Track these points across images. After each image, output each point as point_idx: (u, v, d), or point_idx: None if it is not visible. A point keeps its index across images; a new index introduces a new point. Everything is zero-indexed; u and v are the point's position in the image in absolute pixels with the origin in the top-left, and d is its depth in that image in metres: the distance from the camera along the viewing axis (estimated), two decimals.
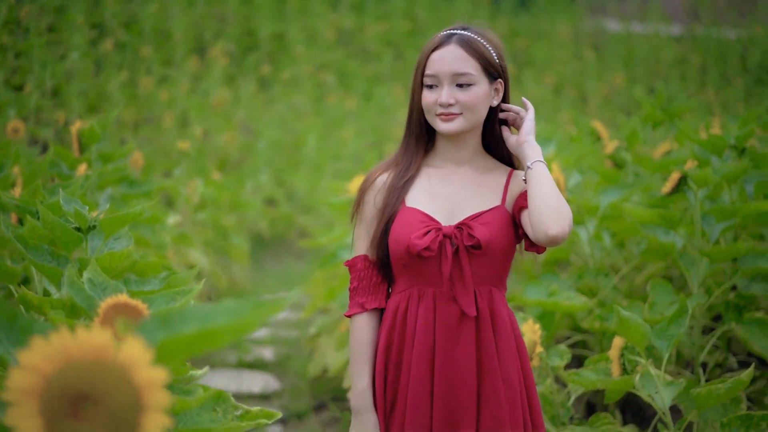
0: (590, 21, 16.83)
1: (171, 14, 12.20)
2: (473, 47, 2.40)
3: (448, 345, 2.39)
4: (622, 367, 2.96)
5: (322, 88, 13.11)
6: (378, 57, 14.26)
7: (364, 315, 2.49)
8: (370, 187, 2.52)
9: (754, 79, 14.24)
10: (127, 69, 10.54)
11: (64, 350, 1.20)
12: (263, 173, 10.10)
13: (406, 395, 2.42)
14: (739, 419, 2.95)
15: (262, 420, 1.98)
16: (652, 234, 3.72)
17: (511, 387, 2.40)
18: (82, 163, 4.13)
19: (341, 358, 4.59)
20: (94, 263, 2.00)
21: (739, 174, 3.76)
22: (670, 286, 3.69)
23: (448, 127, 2.41)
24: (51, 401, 1.19)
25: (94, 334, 1.21)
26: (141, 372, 1.20)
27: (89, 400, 1.19)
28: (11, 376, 1.19)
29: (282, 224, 9.90)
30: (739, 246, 3.60)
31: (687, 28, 16.21)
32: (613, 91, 13.96)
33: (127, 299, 1.82)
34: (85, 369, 1.20)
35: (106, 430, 1.19)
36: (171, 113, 10.17)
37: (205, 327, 1.29)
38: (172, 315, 1.33)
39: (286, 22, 13.87)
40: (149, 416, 1.20)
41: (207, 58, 12.34)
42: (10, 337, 1.36)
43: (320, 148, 11.05)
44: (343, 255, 4.71)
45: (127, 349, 1.20)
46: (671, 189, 3.62)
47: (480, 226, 2.37)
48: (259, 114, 11.59)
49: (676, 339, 2.93)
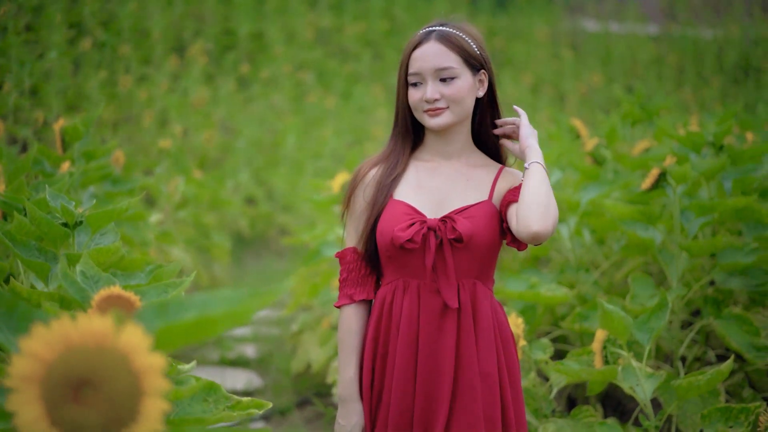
0: (568, 21, 16.91)
1: (149, 13, 12.17)
2: (452, 41, 2.43)
3: (431, 336, 2.43)
4: (605, 359, 3.00)
5: (301, 87, 13.12)
6: (357, 56, 14.28)
7: (353, 306, 2.54)
8: (360, 182, 2.56)
9: (730, 78, 14.36)
10: (105, 68, 10.52)
11: (64, 337, 1.22)
12: (243, 172, 10.11)
13: (392, 385, 2.46)
14: (718, 411, 2.99)
15: (252, 410, 2.01)
16: (631, 230, 3.77)
17: (490, 381, 2.43)
18: (65, 161, 4.14)
19: (325, 354, 4.62)
20: (86, 257, 2.03)
21: (717, 170, 3.81)
22: (650, 280, 3.74)
23: (436, 121, 2.44)
24: (52, 387, 1.21)
25: (94, 322, 1.23)
26: (140, 358, 1.23)
27: (90, 385, 1.21)
28: (13, 363, 1.21)
29: (262, 223, 9.92)
30: (718, 241, 3.65)
31: (664, 27, 16.31)
32: (591, 90, 14.04)
33: (120, 291, 1.84)
34: (85, 355, 1.22)
35: (107, 414, 1.22)
36: (150, 112, 10.16)
37: (202, 315, 1.32)
38: (170, 304, 1.35)
39: (265, 22, 13.87)
40: (148, 401, 1.23)
41: (186, 57, 12.32)
42: (10, 326, 1.38)
43: (300, 147, 11.07)
44: (327, 252, 4.73)
45: (126, 336, 1.23)
46: (651, 185, 3.67)
47: (464, 219, 2.40)
48: (238, 113, 11.60)
49: (657, 332, 2.98)
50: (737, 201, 3.66)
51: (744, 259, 3.69)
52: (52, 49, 8.94)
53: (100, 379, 1.21)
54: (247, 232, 9.42)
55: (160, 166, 6.83)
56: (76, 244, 2.66)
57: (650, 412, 2.99)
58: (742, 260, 3.69)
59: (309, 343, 4.90)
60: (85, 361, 1.22)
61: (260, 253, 9.34)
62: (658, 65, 14.87)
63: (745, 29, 15.38)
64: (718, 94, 13.67)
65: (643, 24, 16.29)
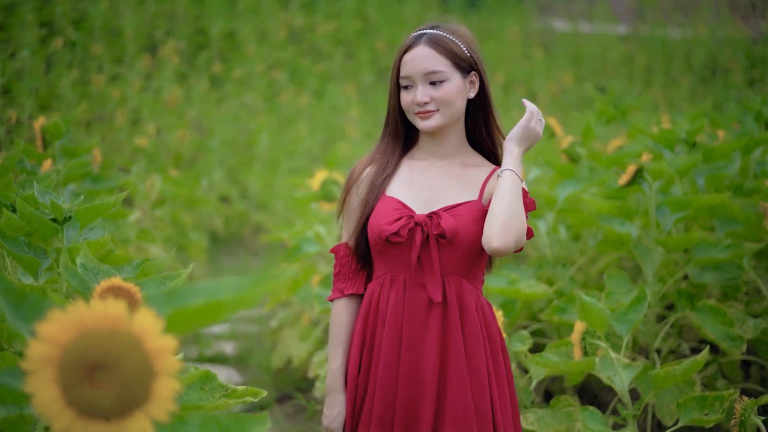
0: (538, 21, 17.01)
1: (121, 12, 12.15)
2: (442, 45, 2.48)
3: (415, 330, 2.47)
4: (584, 350, 3.07)
5: (274, 86, 13.14)
6: (329, 56, 14.31)
7: (343, 300, 2.61)
8: (355, 182, 2.62)
9: (698, 78, 14.50)
10: (77, 67, 10.51)
11: (79, 321, 1.27)
12: (217, 171, 10.11)
13: (377, 377, 2.50)
14: (694, 400, 3.07)
15: (248, 398, 2.06)
16: (608, 225, 3.84)
17: (479, 374, 2.46)
18: (47, 159, 4.17)
19: (306, 349, 4.66)
20: (86, 249, 2.07)
21: (690, 167, 3.90)
22: (625, 275, 3.82)
23: (427, 124, 2.50)
24: (68, 369, 1.26)
25: (108, 306, 1.28)
26: (152, 340, 1.28)
27: (104, 367, 1.26)
28: (30, 347, 1.26)
29: (236, 221, 9.94)
30: (693, 236, 3.74)
31: (633, 28, 16.43)
32: (562, 89, 14.14)
33: (121, 282, 1.89)
34: (99, 338, 1.27)
35: (120, 395, 1.27)
36: (123, 111, 10.15)
37: (210, 300, 1.37)
38: (178, 290, 1.40)
39: (237, 21, 13.88)
40: (160, 382, 1.28)
41: (158, 56, 12.31)
42: (19, 315, 1.42)
43: (273, 145, 11.09)
44: (308, 248, 4.78)
45: (139, 320, 1.28)
46: (628, 181, 3.75)
47: (450, 217, 2.45)
48: (211, 112, 11.60)
49: (635, 324, 3.05)
50: (712, 198, 3.75)
51: (718, 255, 3.78)
52: (23, 48, 8.93)
53: (114, 361, 1.26)
54: (221, 230, 9.44)
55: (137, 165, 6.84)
56: (65, 239, 2.70)
57: (628, 401, 3.07)
58: (716, 255, 3.78)
59: (289, 338, 4.94)
60: (99, 344, 1.27)
61: (235, 252, 9.36)
62: (628, 65, 14.99)
63: (713, 30, 15.54)
64: (686, 93, 13.81)
65: (612, 24, 16.41)
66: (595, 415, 3.13)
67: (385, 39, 14.85)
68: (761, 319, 3.80)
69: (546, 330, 4.33)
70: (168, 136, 10.34)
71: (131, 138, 9.58)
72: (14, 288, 1.43)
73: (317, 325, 4.83)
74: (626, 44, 15.75)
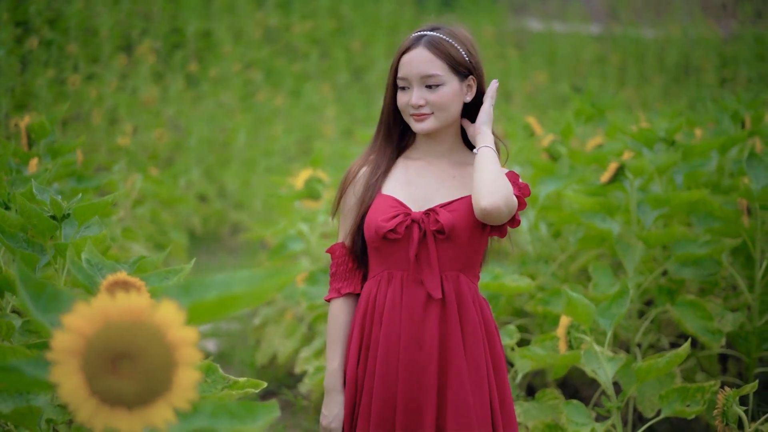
0: (513, 21, 17.12)
1: (97, 12, 12.13)
2: (440, 48, 2.49)
3: (414, 327, 2.48)
4: (569, 344, 3.14)
5: (250, 85, 13.15)
6: (305, 55, 14.34)
7: (340, 299, 2.63)
8: (351, 181, 2.63)
9: (671, 77, 14.65)
10: (53, 66, 10.49)
11: (103, 313, 1.32)
12: (194, 170, 10.13)
13: (374, 375, 2.51)
14: (675, 391, 3.15)
15: (249, 389, 2.11)
16: (590, 221, 3.92)
17: (478, 370, 2.49)
18: (33, 158, 4.19)
19: (292, 345, 4.71)
20: (90, 245, 2.11)
21: (670, 165, 3.98)
22: (610, 269, 3.90)
23: (421, 126, 2.52)
24: (92, 359, 1.31)
25: (131, 298, 1.33)
26: (174, 332, 1.32)
27: (127, 357, 1.31)
28: (55, 338, 1.30)
29: (214, 220, 9.96)
30: (674, 231, 3.82)
31: (606, 27, 16.58)
32: (536, 88, 14.24)
33: (126, 277, 1.94)
34: (123, 329, 1.32)
35: (143, 384, 1.31)
36: (100, 111, 10.14)
37: (226, 293, 1.42)
38: (194, 284, 1.46)
39: (213, 20, 13.88)
40: (181, 371, 1.32)
41: (134, 55, 12.30)
42: (39, 306, 1.47)
43: (250, 144, 11.11)
44: (293, 246, 4.84)
45: (161, 311, 1.33)
46: (609, 178, 3.82)
47: (446, 212, 2.47)
48: (187, 111, 11.60)
49: (619, 317, 3.12)
50: (691, 194, 3.83)
51: (698, 251, 3.87)
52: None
53: (137, 352, 1.31)
54: (199, 229, 9.46)
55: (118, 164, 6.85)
56: (63, 236, 2.74)
57: (612, 394, 3.14)
58: (696, 251, 3.86)
59: (273, 335, 4.99)
60: (122, 335, 1.31)
61: (213, 251, 9.37)
62: (602, 64, 15.12)
63: (686, 29, 15.69)
64: (659, 92, 13.95)
65: (586, 24, 16.54)
66: (579, 408, 3.21)
67: (361, 38, 14.91)
68: (739, 314, 3.89)
69: (528, 325, 4.40)
70: (145, 136, 10.34)
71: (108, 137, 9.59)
72: (34, 281, 1.48)
73: (302, 322, 4.88)
74: (600, 44, 15.88)
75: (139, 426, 1.32)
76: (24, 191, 2.92)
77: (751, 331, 3.97)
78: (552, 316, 3.97)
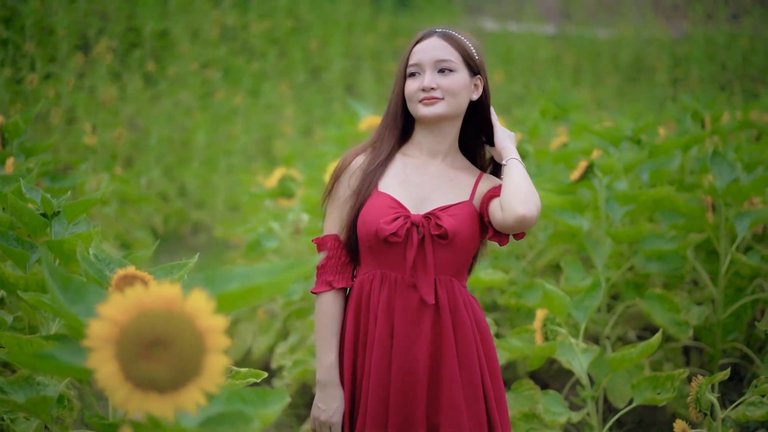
0: (468, 21, 17.25)
1: (53, 10, 12.06)
2: (454, 39, 2.57)
3: (406, 330, 2.51)
4: (545, 336, 3.25)
5: (208, 84, 13.15)
6: (262, 54, 14.36)
7: (332, 293, 2.61)
8: (345, 170, 2.63)
9: (625, 77, 14.85)
10: (10, 66, 10.43)
11: (137, 302, 1.39)
12: (154, 169, 10.12)
13: (370, 374, 2.54)
14: (646, 380, 3.27)
15: (251, 379, 2.18)
16: (561, 218, 4.02)
17: (471, 373, 2.52)
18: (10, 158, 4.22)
19: (266, 341, 4.77)
20: (98, 240, 2.17)
21: (637, 163, 4.11)
22: (580, 263, 4.02)
23: (429, 110, 2.53)
24: (126, 346, 1.38)
25: (163, 288, 1.41)
26: (204, 320, 1.40)
27: (160, 344, 1.38)
28: (91, 326, 1.37)
29: (175, 220, 9.95)
30: (642, 227, 3.95)
31: (560, 27, 16.76)
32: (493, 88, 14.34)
33: (135, 271, 2.00)
34: (156, 318, 1.39)
35: (175, 369, 1.39)
36: (58, 110, 10.10)
37: (249, 284, 1.50)
38: (217, 275, 1.53)
39: (170, 19, 13.84)
40: (211, 357, 1.40)
41: (91, 54, 12.25)
42: (67, 297, 1.54)
43: (210, 144, 11.11)
44: (267, 244, 4.89)
45: (192, 301, 1.40)
46: (579, 176, 3.93)
47: (448, 217, 2.49)
48: (146, 110, 11.57)
49: (592, 310, 3.24)
50: (657, 191, 3.96)
51: (665, 246, 3.99)
52: None
53: (170, 339, 1.38)
54: (161, 228, 9.46)
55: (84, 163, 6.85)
56: (53, 233, 2.79)
57: (587, 383, 3.26)
58: (663, 247, 3.99)
59: (246, 332, 5.04)
60: (155, 323, 1.39)
61: (175, 250, 9.37)
62: (557, 64, 15.28)
63: (638, 30, 15.91)
64: (613, 92, 14.13)
65: (541, 24, 16.72)
66: (556, 397, 3.32)
67: (318, 38, 14.95)
68: (704, 307, 4.03)
69: (499, 319, 4.51)
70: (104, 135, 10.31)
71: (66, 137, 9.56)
72: (62, 275, 1.55)
73: (276, 318, 4.94)
74: (555, 44, 16.05)
75: (171, 409, 1.39)
76: (13, 189, 2.96)
77: (715, 323, 4.11)
78: (525, 309, 4.07)
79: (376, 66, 14.86)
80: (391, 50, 15.45)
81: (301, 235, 4.89)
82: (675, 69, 14.72)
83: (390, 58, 15.22)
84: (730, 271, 4.13)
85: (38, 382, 2.12)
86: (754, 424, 3.75)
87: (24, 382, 2.10)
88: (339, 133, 6.02)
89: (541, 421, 3.32)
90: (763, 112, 6.40)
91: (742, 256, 3.96)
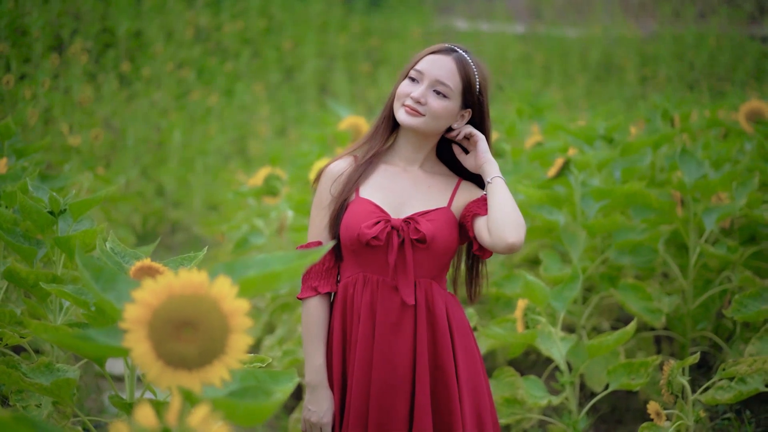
0: (439, 20, 17.42)
1: (27, 11, 12.11)
2: (465, 70, 2.61)
3: (387, 331, 2.61)
4: (525, 325, 3.41)
5: (183, 84, 13.24)
6: (236, 55, 14.46)
7: (317, 298, 2.71)
8: (327, 176, 2.74)
9: (593, 76, 15.06)
10: None
11: (168, 287, 1.54)
12: (132, 169, 10.21)
13: (353, 374, 2.65)
14: (622, 366, 3.44)
15: (256, 363, 2.32)
16: (539, 213, 4.19)
17: (444, 373, 2.63)
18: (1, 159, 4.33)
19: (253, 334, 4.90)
20: (113, 236, 2.31)
21: (610, 161, 4.29)
22: (557, 255, 4.19)
23: (408, 119, 2.62)
24: (158, 327, 1.52)
25: (191, 274, 1.55)
26: (228, 303, 1.55)
27: (189, 325, 1.53)
28: (126, 309, 1.52)
29: (153, 219, 10.05)
30: (616, 220, 4.12)
31: (530, 27, 16.96)
32: None
33: (150, 263, 2.15)
34: (185, 301, 1.54)
35: (203, 348, 1.53)
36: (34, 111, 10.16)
37: (268, 271, 1.64)
38: (236, 263, 1.68)
39: (143, 20, 13.92)
40: (235, 337, 1.54)
41: (66, 55, 12.30)
42: (99, 284, 1.68)
43: (186, 144, 11.21)
44: (255, 240, 5.02)
45: (217, 285, 1.55)
46: (556, 173, 4.10)
47: (426, 222, 2.60)
48: (122, 111, 11.65)
49: (570, 300, 3.41)
50: (630, 187, 4.13)
51: (637, 237, 4.18)
52: None
53: (198, 320, 1.53)
54: (139, 228, 9.56)
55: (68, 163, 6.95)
56: (59, 230, 2.92)
57: (565, 369, 3.43)
58: (635, 238, 4.17)
59: None
60: (184, 306, 1.53)
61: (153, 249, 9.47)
62: (527, 63, 15.47)
63: (607, 29, 16.14)
64: (583, 91, 14.33)
65: (511, 23, 16.91)
66: (537, 382, 3.49)
67: (291, 38, 15.07)
68: (675, 297, 4.21)
69: (478, 311, 4.66)
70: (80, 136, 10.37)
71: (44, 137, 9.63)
72: (94, 264, 1.69)
73: (263, 312, 5.06)
74: (524, 43, 16.24)
75: (199, 384, 1.54)
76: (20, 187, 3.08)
77: (685, 313, 4.30)
78: (504, 299, 4.24)
79: (349, 66, 15.00)
80: (364, 50, 15.61)
81: (285, 232, 5.02)
82: (643, 68, 14.95)
83: (363, 57, 15.37)
84: (699, 263, 4.31)
85: (58, 368, 2.27)
86: (723, 407, 3.93)
87: (45, 368, 2.25)
88: (319, 133, 6.16)
89: (522, 406, 3.49)
90: (731, 111, 6.60)
91: (710, 247, 4.14)
